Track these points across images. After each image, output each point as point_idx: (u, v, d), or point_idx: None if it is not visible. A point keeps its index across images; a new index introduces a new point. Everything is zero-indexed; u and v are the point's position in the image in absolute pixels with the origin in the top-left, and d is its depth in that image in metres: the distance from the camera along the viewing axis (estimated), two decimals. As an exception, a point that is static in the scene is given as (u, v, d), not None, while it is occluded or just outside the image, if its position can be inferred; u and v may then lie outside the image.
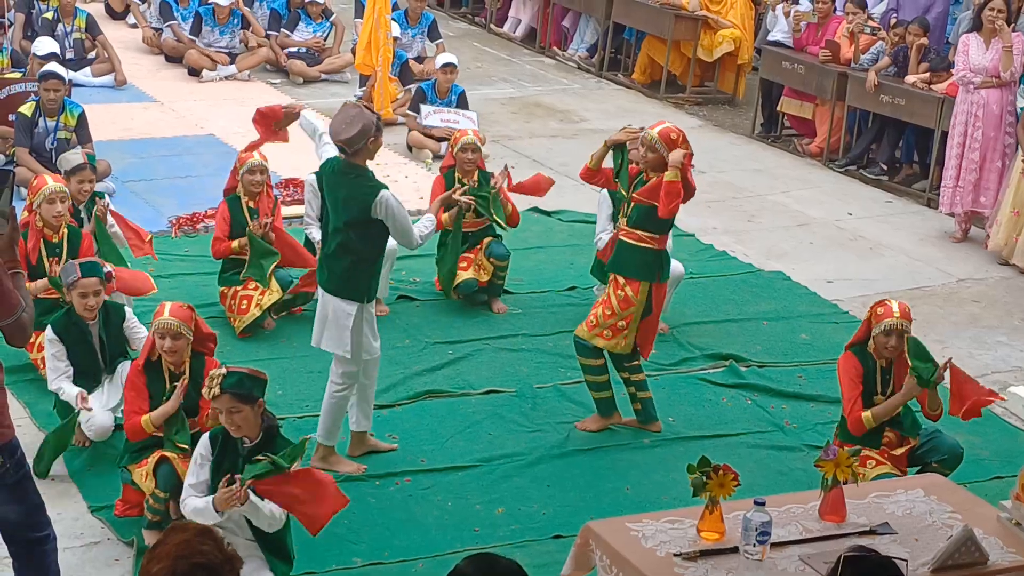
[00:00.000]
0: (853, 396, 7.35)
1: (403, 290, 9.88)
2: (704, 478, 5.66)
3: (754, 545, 5.52)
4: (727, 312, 9.99)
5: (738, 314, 9.98)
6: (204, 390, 6.22)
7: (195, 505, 6.12)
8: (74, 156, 9.08)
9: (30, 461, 5.74)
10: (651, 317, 7.97)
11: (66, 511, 6.98)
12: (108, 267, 7.93)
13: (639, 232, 7.83)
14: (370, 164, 7.34)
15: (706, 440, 8.11)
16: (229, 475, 6.00)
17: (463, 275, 9.60)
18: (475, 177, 9.54)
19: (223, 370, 6.13)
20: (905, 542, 5.74)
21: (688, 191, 7.76)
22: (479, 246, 9.71)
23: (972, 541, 5.57)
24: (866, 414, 7.27)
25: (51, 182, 8.35)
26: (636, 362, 8.09)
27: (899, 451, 7.31)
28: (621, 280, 7.90)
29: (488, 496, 7.44)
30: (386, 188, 7.20)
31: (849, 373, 7.41)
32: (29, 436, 7.56)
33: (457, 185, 8.62)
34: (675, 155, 7.64)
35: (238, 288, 9.08)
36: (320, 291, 7.43)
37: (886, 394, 7.36)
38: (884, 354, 7.33)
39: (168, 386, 6.90)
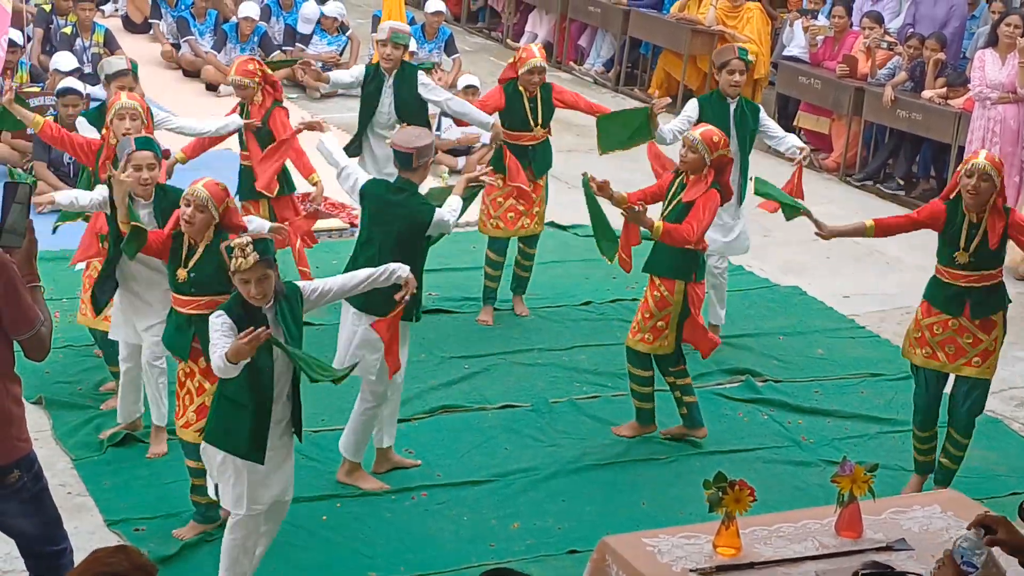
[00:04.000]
0: (906, 216, 7.68)
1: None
2: (720, 493, 5.65)
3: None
4: (743, 327, 9.99)
5: (754, 329, 9.98)
6: (234, 262, 5.87)
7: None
8: (118, 61, 9.03)
9: (48, 475, 5.75)
10: (691, 318, 7.94)
11: (83, 524, 6.99)
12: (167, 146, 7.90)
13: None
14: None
15: (722, 455, 8.10)
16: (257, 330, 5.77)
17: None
18: (536, 92, 9.53)
19: (247, 238, 5.92)
20: (922, 558, 5.72)
21: (726, 194, 7.94)
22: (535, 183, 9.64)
23: (989, 558, 5.54)
24: (869, 223, 7.59)
25: (124, 98, 8.05)
26: (681, 366, 8.08)
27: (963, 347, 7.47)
28: (656, 280, 7.91)
29: (504, 511, 7.44)
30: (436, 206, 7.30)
31: (922, 209, 7.56)
32: (47, 449, 7.60)
33: (486, 168, 8.45)
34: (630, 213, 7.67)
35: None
36: (350, 314, 7.41)
37: (970, 249, 7.31)
38: (967, 200, 7.23)
39: (183, 257, 6.84)
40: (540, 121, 9.53)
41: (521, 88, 9.50)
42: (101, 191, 7.43)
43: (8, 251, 5.20)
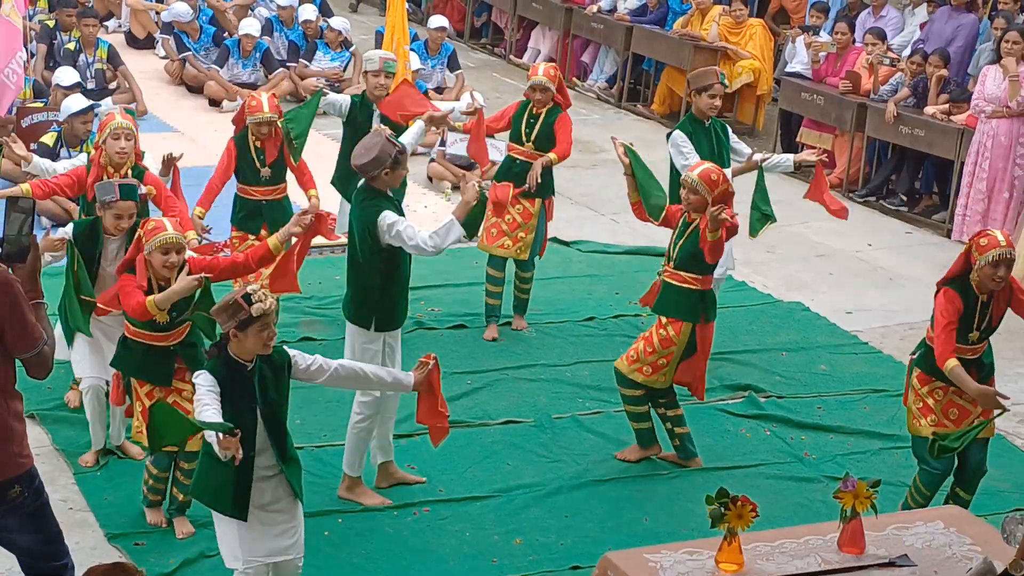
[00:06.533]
0: (948, 332, 7.05)
1: (421, 320, 9.89)
2: (722, 509, 5.64)
3: None
4: (746, 343, 9.98)
5: (757, 345, 9.97)
6: (256, 307, 5.75)
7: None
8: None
9: (49, 490, 5.74)
10: (697, 356, 7.94)
11: (84, 540, 6.99)
12: (143, 188, 7.88)
13: (682, 273, 7.84)
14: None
15: (725, 471, 8.10)
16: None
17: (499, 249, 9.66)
18: (542, 112, 9.51)
19: (255, 284, 5.90)
20: (924, 574, 5.71)
21: (730, 231, 7.79)
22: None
23: (992, 574, 5.54)
24: (952, 364, 6.99)
25: (119, 118, 8.18)
26: (672, 397, 8.07)
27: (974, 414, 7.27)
28: (664, 320, 7.91)
29: (506, 526, 7.43)
30: (390, 208, 7.20)
31: (948, 311, 7.06)
32: (48, 464, 7.60)
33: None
34: (714, 213, 7.57)
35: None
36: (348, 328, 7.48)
37: (981, 328, 7.17)
38: (990, 286, 7.08)
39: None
40: (532, 139, 9.51)
41: (532, 106, 9.56)
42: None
43: (12, 267, 5.19)
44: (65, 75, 12.76)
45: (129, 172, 8.21)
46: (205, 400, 5.70)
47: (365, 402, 7.44)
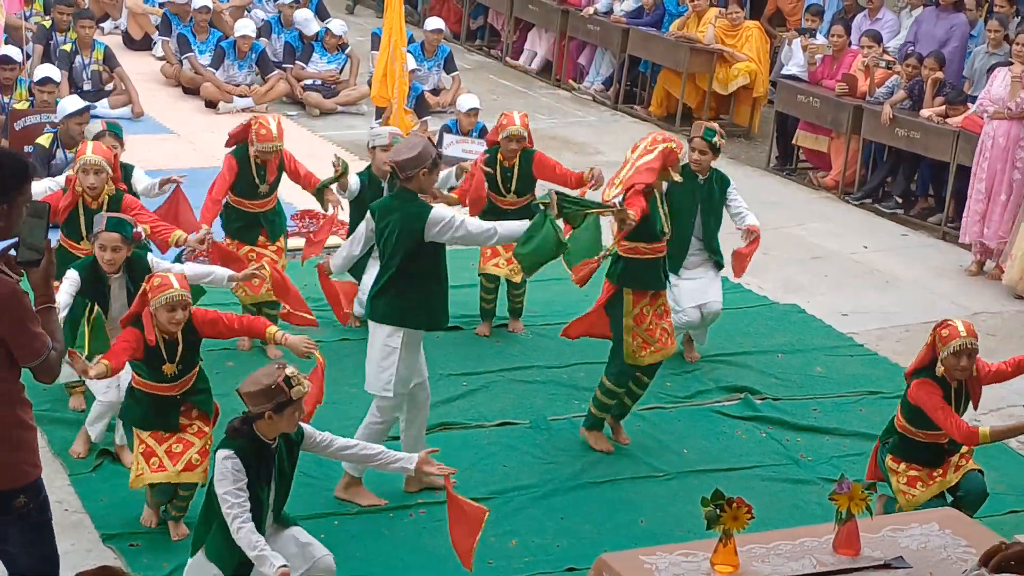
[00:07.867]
0: (948, 412, 7.02)
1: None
2: (718, 511, 5.65)
3: None
4: (742, 345, 9.99)
5: (753, 347, 9.97)
6: (295, 390, 5.86)
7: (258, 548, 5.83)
8: (96, 127, 9.09)
9: (53, 507, 5.69)
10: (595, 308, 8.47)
11: (79, 541, 6.98)
12: (139, 227, 7.93)
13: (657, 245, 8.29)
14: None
15: (720, 473, 8.10)
16: None
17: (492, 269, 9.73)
18: (515, 162, 9.57)
19: (292, 368, 5.92)
20: (920, 576, 5.73)
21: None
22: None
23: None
24: (984, 430, 6.97)
25: (89, 152, 8.22)
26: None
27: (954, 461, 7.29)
28: (663, 293, 8.26)
29: (502, 528, 7.42)
30: (434, 207, 7.25)
31: (933, 395, 7.05)
32: (44, 466, 7.55)
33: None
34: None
35: (248, 253, 9.10)
36: (370, 327, 7.44)
37: (960, 414, 7.16)
38: (956, 375, 7.09)
39: (164, 355, 6.90)
40: (514, 189, 9.53)
41: (500, 156, 9.54)
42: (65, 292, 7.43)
43: (27, 270, 5.17)
44: (39, 70, 12.76)
45: (106, 200, 8.25)
46: (242, 518, 5.80)
47: (383, 407, 7.43)
